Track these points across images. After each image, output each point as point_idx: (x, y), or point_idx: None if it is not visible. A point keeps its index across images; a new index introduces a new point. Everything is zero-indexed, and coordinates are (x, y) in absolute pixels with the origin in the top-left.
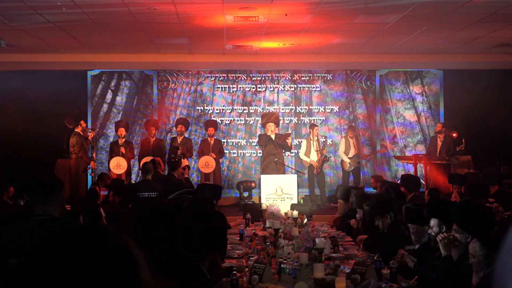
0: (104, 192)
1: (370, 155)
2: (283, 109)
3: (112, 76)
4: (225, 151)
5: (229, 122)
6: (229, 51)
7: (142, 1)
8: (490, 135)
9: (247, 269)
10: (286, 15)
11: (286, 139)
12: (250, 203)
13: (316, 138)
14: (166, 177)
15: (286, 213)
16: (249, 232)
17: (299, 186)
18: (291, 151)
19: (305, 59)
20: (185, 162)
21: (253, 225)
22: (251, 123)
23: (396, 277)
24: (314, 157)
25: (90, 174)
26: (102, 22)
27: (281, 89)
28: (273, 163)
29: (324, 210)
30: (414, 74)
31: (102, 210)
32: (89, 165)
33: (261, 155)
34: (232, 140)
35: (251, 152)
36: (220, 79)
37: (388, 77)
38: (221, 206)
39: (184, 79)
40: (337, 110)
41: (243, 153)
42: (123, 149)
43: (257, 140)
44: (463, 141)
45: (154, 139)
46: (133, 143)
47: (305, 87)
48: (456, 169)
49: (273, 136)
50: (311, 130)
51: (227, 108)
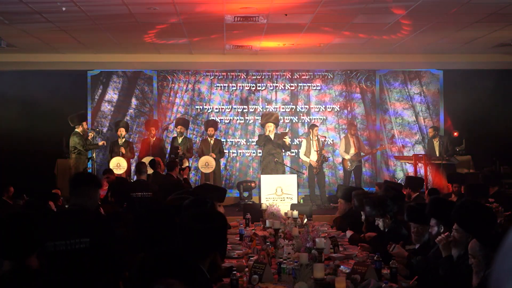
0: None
1: (370, 153)
2: (282, 108)
3: (112, 76)
4: (224, 151)
5: (228, 122)
6: (229, 51)
7: (142, 1)
8: (490, 135)
9: (247, 269)
10: (286, 15)
11: (283, 138)
12: (250, 203)
13: (316, 138)
14: (165, 177)
15: (286, 213)
16: (249, 232)
17: (299, 186)
18: (291, 150)
19: (305, 59)
20: (185, 163)
21: (253, 225)
22: (250, 122)
23: (396, 277)
24: (313, 157)
25: None
26: (102, 22)
27: (280, 88)
28: (272, 163)
29: (324, 210)
30: (413, 74)
31: (102, 210)
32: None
33: (260, 154)
34: (231, 140)
35: (250, 152)
36: (219, 77)
37: (387, 77)
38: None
39: (184, 79)
40: (338, 109)
41: (242, 152)
42: (123, 149)
43: (256, 140)
44: (463, 141)
45: (154, 139)
46: (133, 143)
47: (304, 87)
48: (456, 169)
49: (272, 136)
50: (311, 130)
51: (226, 107)
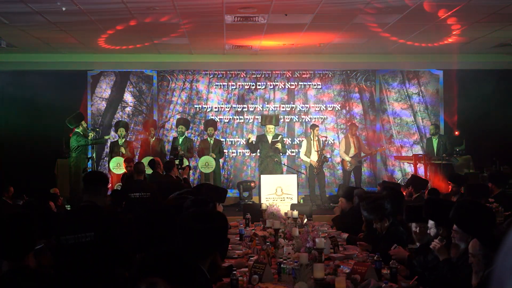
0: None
1: (369, 154)
2: (282, 107)
3: (112, 76)
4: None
5: (227, 121)
6: (229, 51)
7: (142, 1)
8: (490, 135)
9: (246, 269)
10: (286, 15)
11: (275, 145)
12: (250, 203)
13: (317, 138)
14: (164, 177)
15: (286, 213)
16: (249, 232)
17: (299, 186)
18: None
19: (304, 59)
20: (185, 162)
21: (253, 225)
22: (250, 121)
23: (396, 277)
24: (314, 157)
25: None
26: (102, 22)
27: (280, 88)
28: (270, 165)
29: (324, 210)
30: (412, 74)
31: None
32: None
33: (258, 153)
34: (231, 139)
35: (249, 151)
36: (219, 76)
37: (386, 77)
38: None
39: (184, 79)
40: (337, 109)
41: (241, 152)
42: (123, 149)
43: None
44: (463, 141)
45: (153, 139)
46: (133, 143)
47: (303, 86)
48: (455, 169)
49: (269, 138)
50: (311, 130)
51: (225, 106)
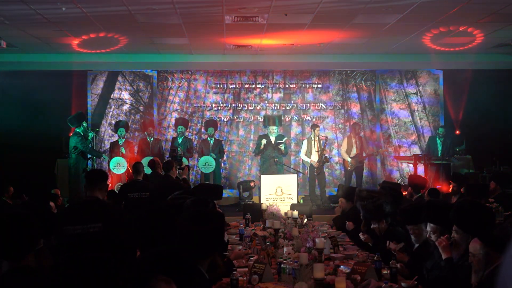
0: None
1: (370, 155)
2: (282, 107)
3: (112, 76)
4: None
5: (227, 120)
6: (229, 51)
7: (142, 1)
8: (490, 135)
9: (246, 269)
10: (286, 15)
11: (279, 146)
12: (250, 203)
13: (317, 138)
14: (164, 178)
15: (286, 213)
16: (249, 232)
17: (299, 186)
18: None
19: (304, 59)
20: (184, 162)
21: (253, 225)
22: (250, 121)
23: (396, 277)
24: (314, 157)
25: None
26: (102, 22)
27: (279, 87)
28: (273, 166)
29: (324, 210)
30: (411, 74)
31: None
32: (89, 165)
33: (256, 152)
34: (230, 139)
35: (247, 150)
36: (218, 76)
37: (386, 77)
38: (221, 206)
39: (184, 78)
40: (337, 109)
41: (241, 152)
42: (123, 149)
43: (257, 140)
44: (463, 141)
45: (152, 139)
46: (133, 142)
47: (303, 86)
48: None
49: (273, 139)
50: (312, 130)
51: (224, 105)
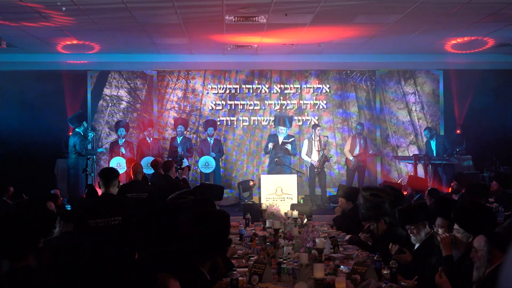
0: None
1: (373, 155)
2: (282, 106)
3: (112, 76)
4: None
5: (225, 120)
6: (229, 50)
7: (142, 1)
8: (490, 135)
9: (246, 269)
10: (286, 15)
11: (285, 145)
12: (250, 203)
13: (318, 138)
14: (163, 178)
15: (286, 213)
16: (249, 232)
17: (299, 186)
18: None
19: (304, 59)
20: (184, 163)
21: (253, 225)
22: (248, 120)
23: (396, 277)
24: (315, 157)
25: (89, 174)
26: (102, 22)
27: (279, 87)
28: (278, 167)
29: (324, 210)
30: (411, 74)
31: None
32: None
33: (255, 152)
34: (230, 139)
35: (245, 149)
36: (217, 75)
37: (382, 77)
38: (221, 206)
39: (184, 78)
40: (337, 109)
41: (240, 151)
42: (123, 149)
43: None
44: (463, 141)
45: (152, 139)
46: (133, 143)
47: (303, 86)
48: (455, 169)
49: (280, 139)
50: (313, 130)
51: (224, 105)
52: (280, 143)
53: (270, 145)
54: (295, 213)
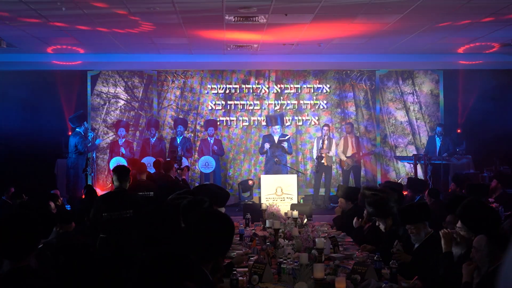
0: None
1: (365, 155)
2: (281, 106)
3: (112, 76)
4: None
5: (224, 120)
6: (229, 50)
7: (142, 1)
8: (490, 135)
9: (246, 269)
10: (286, 15)
11: (281, 143)
12: (250, 203)
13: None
14: (163, 177)
15: (286, 213)
16: (249, 232)
17: (299, 186)
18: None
19: (305, 59)
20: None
21: (253, 225)
22: (247, 120)
23: (396, 277)
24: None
25: (89, 174)
26: (102, 22)
27: (279, 87)
28: (275, 166)
29: (324, 210)
30: (410, 74)
31: None
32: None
33: (255, 152)
34: (227, 138)
35: (243, 148)
36: (216, 75)
37: (381, 77)
38: None
39: (184, 79)
40: (337, 109)
41: (239, 151)
42: (123, 149)
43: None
44: (463, 141)
45: (155, 139)
46: (133, 143)
47: (303, 86)
48: (456, 170)
49: (276, 138)
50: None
51: (223, 105)
52: (276, 142)
53: (267, 145)
54: (295, 213)
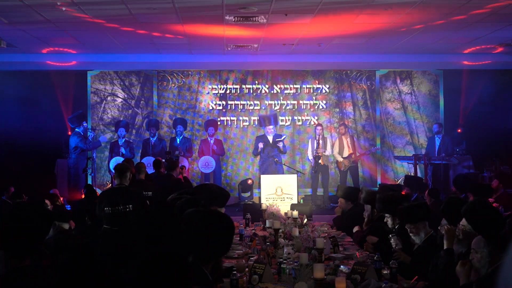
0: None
1: (361, 155)
2: (282, 106)
3: (112, 76)
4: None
5: (224, 120)
6: (229, 51)
7: (142, 1)
8: (490, 135)
9: (247, 269)
10: (286, 15)
11: (278, 143)
12: (250, 203)
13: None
14: (165, 177)
15: (286, 213)
16: (249, 232)
17: (299, 186)
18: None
19: (305, 59)
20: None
21: (253, 225)
22: (247, 122)
23: (396, 277)
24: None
25: (89, 174)
26: (102, 22)
27: (279, 87)
28: (272, 165)
29: (324, 210)
30: (410, 73)
31: None
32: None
33: (254, 153)
34: (230, 139)
35: (243, 148)
36: (217, 76)
37: (385, 77)
38: None
39: (184, 79)
40: (337, 109)
41: (238, 151)
42: (123, 149)
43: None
44: (463, 141)
45: (155, 139)
46: (133, 143)
47: (303, 86)
48: (456, 169)
49: (270, 138)
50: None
51: (223, 105)
52: (271, 142)
53: (260, 145)
54: (295, 213)
